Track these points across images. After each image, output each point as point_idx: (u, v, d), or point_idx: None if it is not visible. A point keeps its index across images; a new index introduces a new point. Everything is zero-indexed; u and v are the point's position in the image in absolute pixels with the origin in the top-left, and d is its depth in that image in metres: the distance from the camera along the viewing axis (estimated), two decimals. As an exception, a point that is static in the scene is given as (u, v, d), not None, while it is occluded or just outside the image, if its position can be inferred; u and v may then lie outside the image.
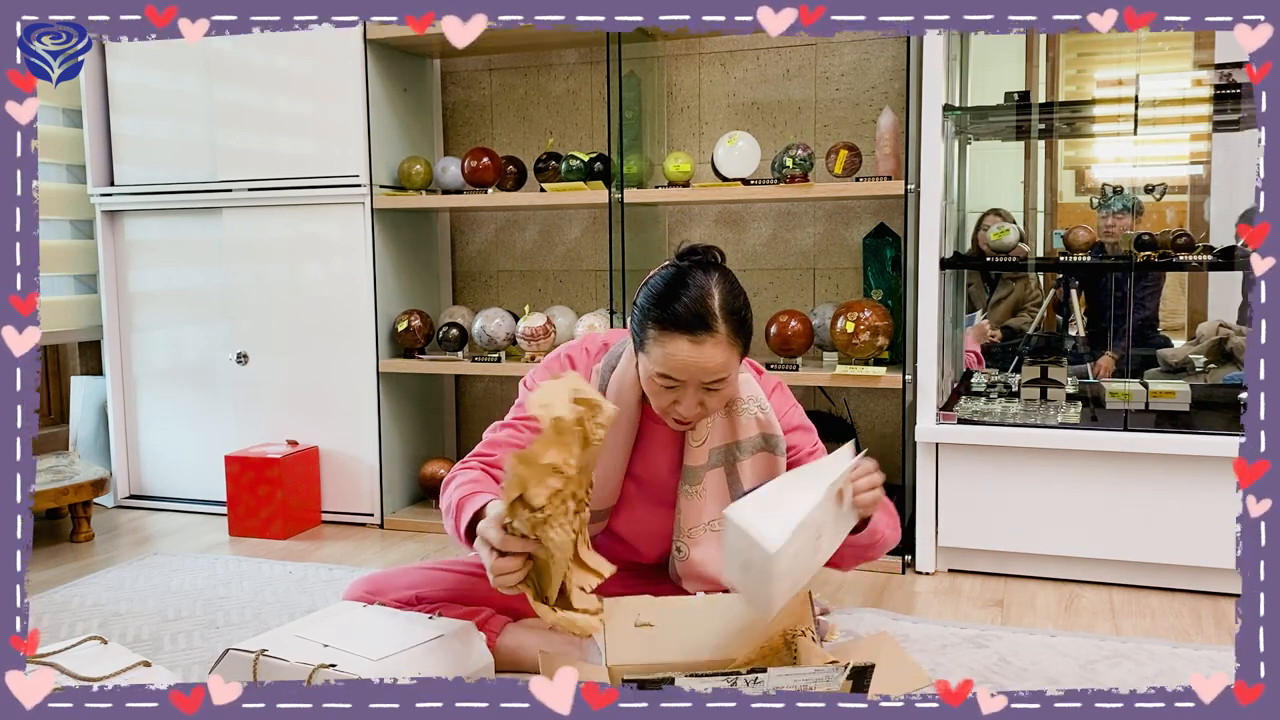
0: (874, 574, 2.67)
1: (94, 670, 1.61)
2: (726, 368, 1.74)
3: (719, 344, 1.71)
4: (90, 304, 3.57)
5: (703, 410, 1.80)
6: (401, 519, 3.20)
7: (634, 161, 3.08)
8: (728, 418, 1.90)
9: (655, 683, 1.41)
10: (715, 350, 1.71)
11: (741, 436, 1.91)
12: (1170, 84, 2.75)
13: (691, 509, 1.92)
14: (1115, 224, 2.93)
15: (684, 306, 1.72)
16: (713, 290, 1.73)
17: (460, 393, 3.64)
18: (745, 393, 1.91)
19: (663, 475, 1.97)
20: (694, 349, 1.71)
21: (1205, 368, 2.92)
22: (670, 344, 1.72)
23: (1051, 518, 2.55)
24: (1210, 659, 2.04)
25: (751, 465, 1.92)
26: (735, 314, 1.74)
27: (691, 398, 1.77)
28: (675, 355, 1.72)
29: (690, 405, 1.78)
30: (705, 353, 1.71)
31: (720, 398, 1.80)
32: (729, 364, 1.74)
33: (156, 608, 2.46)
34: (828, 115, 3.14)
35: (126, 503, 3.52)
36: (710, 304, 1.72)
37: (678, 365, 1.72)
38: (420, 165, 3.20)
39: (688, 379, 1.74)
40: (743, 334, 1.76)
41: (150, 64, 3.34)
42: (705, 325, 1.71)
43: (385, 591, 1.98)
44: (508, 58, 3.45)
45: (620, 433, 1.90)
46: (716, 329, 1.71)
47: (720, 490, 1.92)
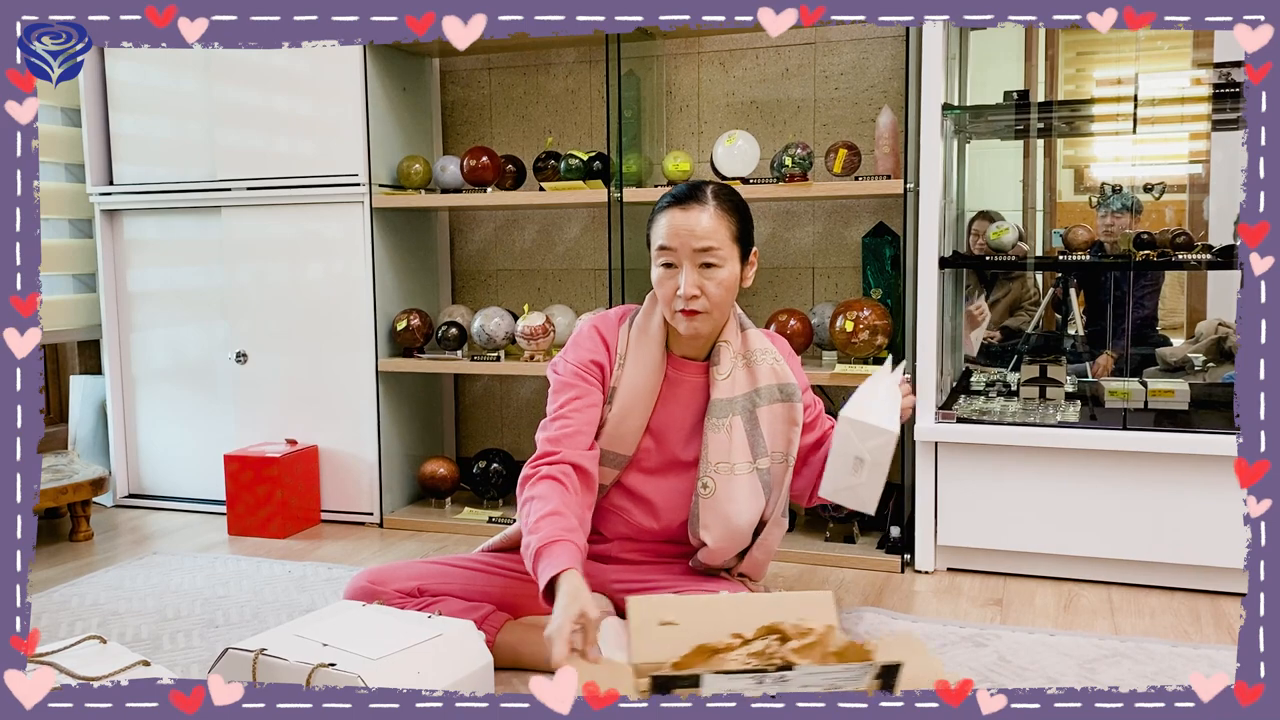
0: (873, 573, 2.67)
1: (93, 670, 1.61)
2: (714, 235, 1.90)
3: (705, 210, 1.92)
4: (89, 303, 3.57)
5: (702, 297, 1.92)
6: (401, 518, 3.20)
7: (633, 160, 3.08)
8: (747, 369, 2.02)
9: (682, 680, 1.42)
10: (702, 214, 1.91)
11: (760, 384, 2.01)
12: (1169, 83, 2.75)
13: (718, 443, 1.98)
14: (1114, 223, 2.93)
15: (678, 189, 1.97)
16: (708, 183, 1.99)
17: (459, 392, 3.64)
18: (759, 344, 2.04)
19: (688, 422, 2.03)
20: (683, 214, 1.92)
21: (1204, 366, 2.92)
22: (664, 217, 1.94)
23: (1051, 517, 2.55)
24: (1210, 658, 2.04)
25: (769, 413, 2.01)
26: (725, 196, 1.96)
27: (689, 276, 1.90)
28: (669, 225, 1.92)
29: (690, 283, 1.90)
30: (693, 216, 1.91)
31: (718, 282, 1.92)
32: (716, 232, 1.91)
33: (156, 607, 2.46)
34: (827, 114, 3.14)
35: (126, 502, 3.52)
36: (703, 187, 1.96)
37: (669, 232, 1.92)
38: (419, 164, 3.20)
39: (679, 246, 1.91)
40: (734, 215, 1.95)
41: (149, 63, 3.34)
42: (694, 196, 1.94)
43: (388, 582, 2.00)
44: (507, 57, 3.45)
45: (645, 381, 2.00)
46: (704, 199, 1.93)
47: (742, 435, 1.99)
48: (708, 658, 1.55)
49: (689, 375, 2.03)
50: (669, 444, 2.04)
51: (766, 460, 1.99)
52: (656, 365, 2.01)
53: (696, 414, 2.03)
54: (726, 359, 2.00)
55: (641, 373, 2.00)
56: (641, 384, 2.00)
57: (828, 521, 2.89)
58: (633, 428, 2.01)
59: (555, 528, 1.77)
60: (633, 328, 2.04)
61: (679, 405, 2.04)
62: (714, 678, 1.43)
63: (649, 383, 2.01)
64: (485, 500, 3.28)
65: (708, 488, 1.98)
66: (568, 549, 1.73)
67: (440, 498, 3.29)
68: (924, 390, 2.63)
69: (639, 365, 2.00)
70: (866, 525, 2.91)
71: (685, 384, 2.03)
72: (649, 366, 2.01)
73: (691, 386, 2.04)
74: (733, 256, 1.93)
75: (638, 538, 2.09)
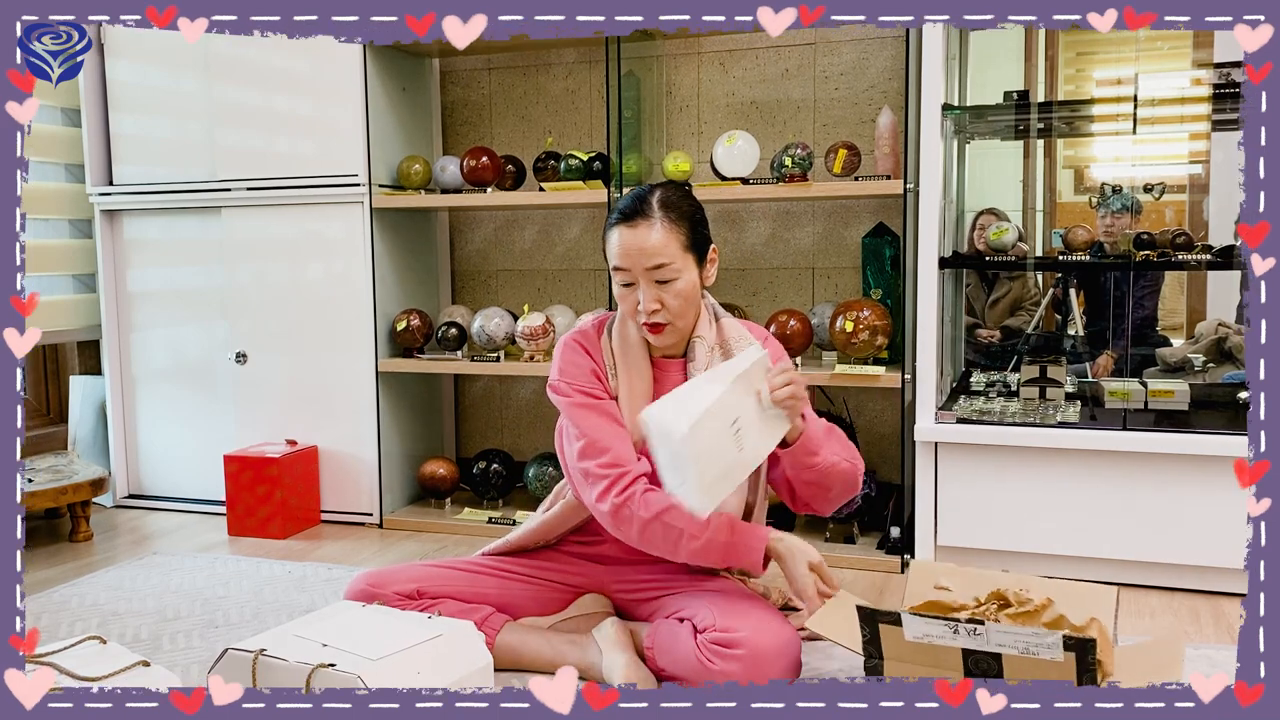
0: (873, 573, 2.67)
1: (93, 670, 1.61)
2: (665, 251, 1.88)
3: (652, 226, 1.88)
4: (89, 303, 3.57)
5: (663, 310, 1.91)
6: (400, 518, 3.20)
7: (633, 161, 3.08)
8: (725, 355, 2.01)
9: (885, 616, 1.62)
10: (649, 231, 1.88)
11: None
12: (1169, 83, 2.75)
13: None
14: (1114, 223, 2.93)
15: (626, 203, 1.93)
16: (655, 191, 1.94)
17: (459, 392, 3.64)
18: (734, 333, 2.04)
19: None
20: (630, 232, 1.89)
21: (1204, 367, 2.92)
22: (614, 235, 1.92)
23: (1051, 517, 2.55)
24: (1210, 658, 2.04)
25: None
26: (672, 205, 1.91)
27: (647, 292, 1.90)
28: (619, 244, 1.90)
29: (648, 299, 1.90)
30: (641, 234, 1.88)
31: (675, 294, 1.91)
32: (666, 247, 1.88)
33: (155, 607, 2.46)
34: (827, 114, 3.14)
35: (125, 502, 3.52)
36: (649, 198, 1.92)
37: (621, 252, 1.90)
38: (419, 164, 3.20)
39: (632, 266, 1.89)
40: (682, 224, 1.91)
41: (149, 63, 3.34)
42: (640, 212, 1.90)
43: (387, 585, 2.00)
44: (507, 57, 3.45)
45: (637, 380, 2.01)
46: (650, 214, 1.89)
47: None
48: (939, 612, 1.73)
49: (672, 374, 2.03)
50: None
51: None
52: (645, 369, 2.02)
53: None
54: (701, 354, 2.00)
55: (637, 380, 2.01)
56: (639, 390, 2.00)
57: (828, 522, 2.89)
58: (641, 435, 2.00)
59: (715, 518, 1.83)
60: (613, 337, 2.04)
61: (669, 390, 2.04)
62: (912, 618, 1.58)
63: (644, 388, 2.01)
64: (485, 500, 3.28)
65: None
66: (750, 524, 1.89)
67: (440, 498, 3.29)
68: (924, 390, 2.63)
69: (630, 372, 2.01)
70: (866, 526, 2.91)
71: (669, 382, 2.02)
72: (639, 372, 2.01)
73: (675, 384, 2.02)
74: (688, 265, 1.92)
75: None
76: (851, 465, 1.94)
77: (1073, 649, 1.49)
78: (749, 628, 1.79)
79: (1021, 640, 1.52)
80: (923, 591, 1.88)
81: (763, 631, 1.79)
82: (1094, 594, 1.82)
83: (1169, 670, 1.65)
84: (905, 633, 1.61)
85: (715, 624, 1.81)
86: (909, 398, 2.70)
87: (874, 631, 1.66)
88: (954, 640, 1.57)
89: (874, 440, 3.15)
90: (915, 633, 1.59)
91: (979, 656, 1.56)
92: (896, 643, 1.64)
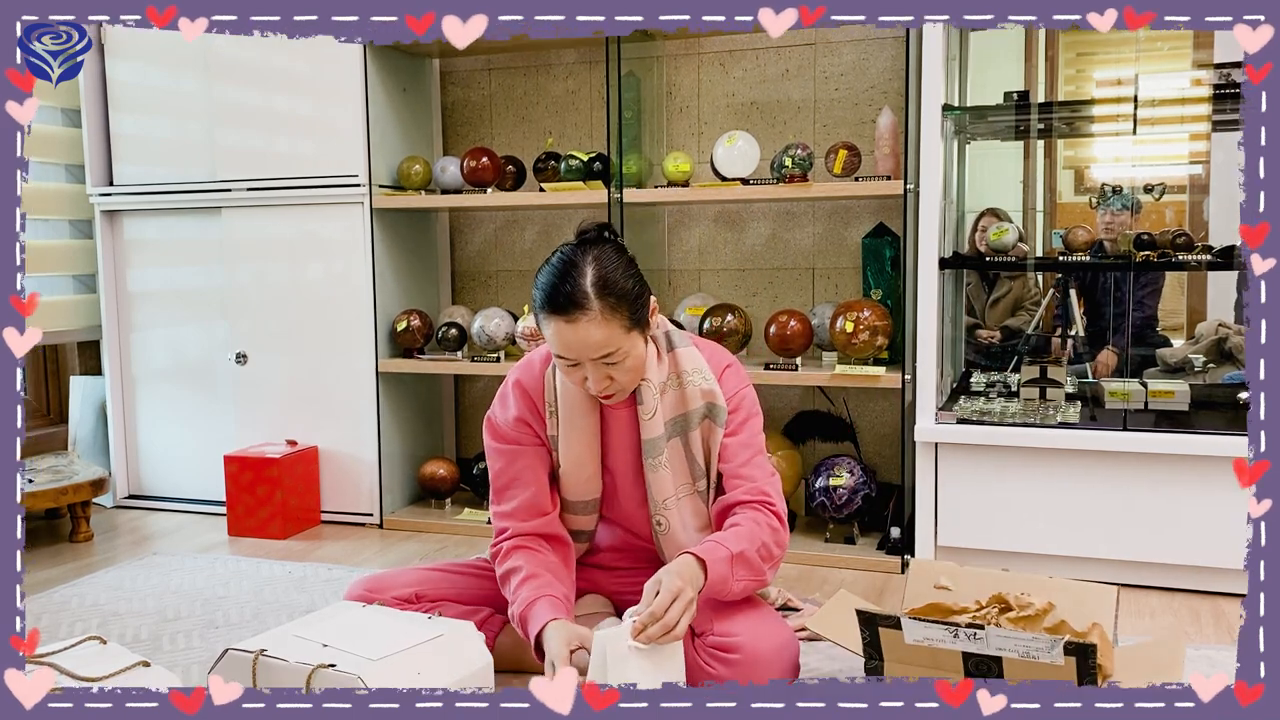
0: (873, 574, 2.67)
1: (93, 670, 1.61)
2: (610, 342, 1.77)
3: (593, 321, 1.75)
4: (89, 304, 3.57)
5: (614, 383, 1.83)
6: (401, 519, 3.20)
7: (633, 161, 3.08)
8: (679, 390, 1.94)
9: (886, 620, 1.64)
10: (590, 327, 1.75)
11: (690, 407, 1.95)
12: (1169, 84, 2.75)
13: (659, 483, 1.95)
14: (1114, 223, 2.93)
15: (557, 290, 1.77)
16: (586, 269, 1.77)
17: (459, 393, 3.64)
18: (689, 365, 1.95)
19: (631, 456, 1.99)
20: (571, 329, 1.76)
21: (1204, 367, 2.92)
22: (552, 326, 1.78)
23: (1050, 517, 2.55)
24: (1210, 658, 2.04)
25: (699, 435, 1.95)
26: (608, 289, 1.77)
27: (595, 373, 1.81)
28: (558, 336, 1.78)
29: (597, 380, 1.81)
30: (580, 331, 1.75)
31: (625, 370, 1.82)
32: (610, 339, 1.77)
33: (155, 607, 2.46)
34: (827, 115, 3.14)
35: (126, 503, 3.52)
36: (582, 284, 1.76)
37: (561, 344, 1.79)
38: (419, 165, 3.20)
39: (578, 356, 1.79)
40: (622, 307, 1.78)
41: (149, 63, 3.34)
42: (576, 304, 1.75)
43: (386, 589, 1.99)
44: (507, 57, 3.45)
45: (585, 423, 1.95)
46: (588, 307, 1.75)
47: (679, 460, 1.96)
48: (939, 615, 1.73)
49: (620, 418, 1.98)
50: (626, 481, 2.01)
51: (704, 480, 1.97)
52: (589, 408, 1.95)
53: (637, 449, 1.98)
54: (649, 397, 1.91)
55: (579, 418, 1.94)
56: (583, 428, 1.95)
57: (827, 522, 2.89)
58: (590, 473, 1.98)
59: (530, 591, 1.83)
60: (558, 373, 1.94)
61: (620, 444, 1.99)
62: (912, 622, 1.57)
63: (588, 426, 1.95)
64: (485, 501, 3.27)
65: (661, 525, 1.96)
66: (546, 604, 1.80)
67: (440, 498, 3.29)
68: (924, 390, 2.63)
69: (572, 411, 1.94)
70: (867, 526, 2.91)
71: (620, 419, 1.98)
72: (582, 410, 1.94)
73: (626, 420, 1.98)
74: (634, 342, 1.82)
75: (625, 548, 2.09)
76: (762, 580, 1.85)
77: (1074, 654, 1.49)
78: (746, 632, 1.79)
79: (1022, 644, 1.52)
80: (923, 592, 1.88)
81: (760, 635, 1.79)
82: (1094, 594, 1.82)
83: (1169, 670, 1.65)
84: (905, 636, 1.61)
85: (713, 628, 1.81)
86: (909, 398, 2.70)
87: (874, 635, 1.67)
88: (954, 644, 1.57)
89: (874, 440, 3.15)
90: (915, 636, 1.60)
91: (979, 659, 1.56)
92: (896, 645, 1.64)
